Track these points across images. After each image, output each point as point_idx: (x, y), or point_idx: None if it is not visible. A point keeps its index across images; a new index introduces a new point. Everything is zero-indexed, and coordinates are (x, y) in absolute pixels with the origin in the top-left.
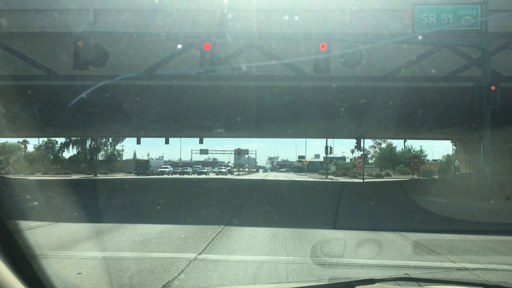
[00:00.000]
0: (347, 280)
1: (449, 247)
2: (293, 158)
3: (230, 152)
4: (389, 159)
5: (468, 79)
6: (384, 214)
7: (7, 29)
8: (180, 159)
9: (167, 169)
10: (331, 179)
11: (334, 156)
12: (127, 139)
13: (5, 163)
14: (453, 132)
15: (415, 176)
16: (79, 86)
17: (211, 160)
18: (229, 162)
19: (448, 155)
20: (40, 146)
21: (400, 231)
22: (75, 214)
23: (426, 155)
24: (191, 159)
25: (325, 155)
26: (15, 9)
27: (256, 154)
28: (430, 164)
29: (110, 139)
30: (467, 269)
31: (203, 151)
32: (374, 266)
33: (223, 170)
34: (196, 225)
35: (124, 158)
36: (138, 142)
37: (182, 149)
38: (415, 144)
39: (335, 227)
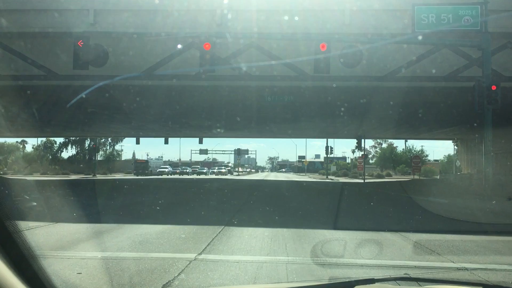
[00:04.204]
0: (347, 280)
1: (449, 247)
2: (293, 158)
3: (230, 152)
4: (390, 159)
5: (469, 79)
6: (384, 214)
7: (7, 29)
8: (180, 159)
9: (166, 169)
10: (331, 179)
11: (335, 156)
12: (126, 139)
13: (3, 163)
14: (454, 132)
15: (416, 176)
16: (79, 86)
17: (211, 160)
18: (229, 162)
19: (449, 155)
20: (39, 146)
21: (401, 232)
22: (74, 214)
23: (427, 155)
24: (190, 159)
25: (325, 155)
26: (15, 9)
27: (256, 154)
28: (431, 164)
29: (109, 139)
30: (467, 269)
31: (203, 151)
32: (374, 266)
33: (223, 170)
34: (196, 226)
35: (123, 158)
36: (138, 142)
37: (181, 149)
38: (416, 144)
39: (335, 227)
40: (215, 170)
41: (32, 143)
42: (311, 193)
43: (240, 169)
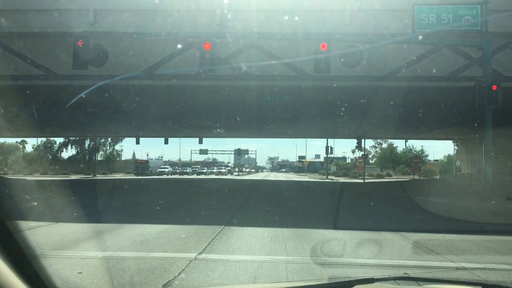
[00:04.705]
0: (346, 280)
1: (448, 247)
2: (293, 158)
3: (230, 152)
4: (390, 159)
5: (469, 78)
6: (384, 214)
7: (7, 29)
8: (180, 159)
9: (166, 169)
10: (331, 179)
11: (335, 156)
12: (126, 139)
13: (3, 163)
14: (454, 132)
15: (416, 177)
16: (79, 86)
17: (211, 160)
18: (229, 162)
19: (449, 155)
20: (39, 146)
21: (400, 231)
22: (75, 214)
23: (427, 155)
24: (190, 159)
25: (325, 155)
26: (15, 9)
27: (256, 154)
28: (431, 164)
29: (109, 139)
30: (466, 268)
31: (203, 151)
32: (373, 265)
33: (223, 170)
34: (196, 225)
35: (123, 158)
36: (137, 142)
37: (181, 149)
38: (416, 144)
39: (335, 227)
40: (215, 170)
41: (32, 143)
42: (311, 193)
43: (240, 169)
